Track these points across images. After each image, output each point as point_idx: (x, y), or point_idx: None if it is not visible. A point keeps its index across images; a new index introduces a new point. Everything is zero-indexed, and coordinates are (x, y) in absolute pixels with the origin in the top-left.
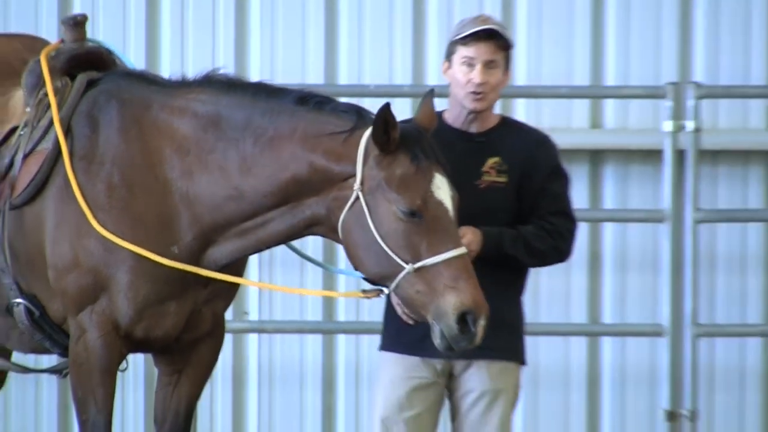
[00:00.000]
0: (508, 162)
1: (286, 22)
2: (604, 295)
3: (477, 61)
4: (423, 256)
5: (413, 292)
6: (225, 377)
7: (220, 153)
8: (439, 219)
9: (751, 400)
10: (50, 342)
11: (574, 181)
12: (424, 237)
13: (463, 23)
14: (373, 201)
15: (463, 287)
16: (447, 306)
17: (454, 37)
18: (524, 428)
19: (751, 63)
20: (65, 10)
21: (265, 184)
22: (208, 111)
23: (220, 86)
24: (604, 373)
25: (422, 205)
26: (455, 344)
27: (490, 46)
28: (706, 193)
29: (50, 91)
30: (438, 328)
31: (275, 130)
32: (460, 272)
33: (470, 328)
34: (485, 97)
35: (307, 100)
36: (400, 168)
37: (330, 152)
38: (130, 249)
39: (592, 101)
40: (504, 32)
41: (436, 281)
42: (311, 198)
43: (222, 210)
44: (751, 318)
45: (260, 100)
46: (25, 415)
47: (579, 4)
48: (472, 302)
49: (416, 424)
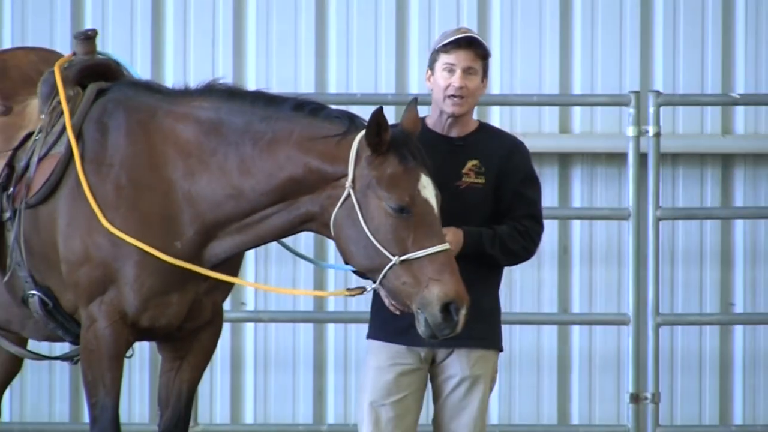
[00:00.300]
0: (485, 165)
1: (280, 36)
2: (572, 287)
3: (457, 67)
4: (409, 250)
5: (399, 283)
6: (224, 363)
7: (220, 155)
8: (425, 216)
9: (709, 383)
10: (63, 331)
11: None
12: (411, 232)
13: (445, 34)
14: (363, 198)
15: (447, 279)
16: (432, 296)
17: (437, 45)
18: (499, 410)
19: (706, 73)
20: (77, 25)
21: (263, 183)
22: (210, 117)
23: (221, 94)
24: (573, 358)
25: (410, 202)
26: (439, 332)
27: (470, 54)
28: (666, 192)
29: (63, 99)
30: (423, 317)
31: (273, 134)
32: (444, 266)
33: (453, 317)
34: (464, 102)
35: (303, 106)
36: (390, 168)
37: (324, 154)
38: (137, 246)
39: (561, 108)
40: (483, 42)
41: (421, 274)
42: (306, 196)
43: (222, 207)
44: (708, 307)
45: (258, 107)
46: (40, 397)
47: (549, 19)
48: (455, 293)
49: (402, 407)
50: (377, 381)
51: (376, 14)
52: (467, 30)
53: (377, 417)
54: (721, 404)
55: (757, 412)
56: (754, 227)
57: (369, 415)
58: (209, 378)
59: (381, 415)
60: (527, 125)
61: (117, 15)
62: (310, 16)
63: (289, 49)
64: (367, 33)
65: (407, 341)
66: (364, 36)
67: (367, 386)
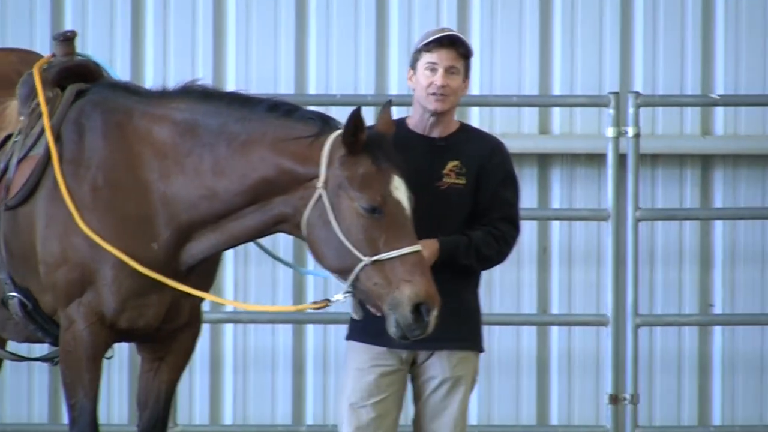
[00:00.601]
0: (466, 165)
1: (259, 36)
2: (552, 288)
3: (439, 66)
4: (381, 251)
5: (371, 284)
6: (203, 363)
7: (195, 156)
8: (397, 217)
9: (688, 384)
10: (42, 332)
11: (524, 183)
12: (382, 233)
13: (427, 34)
14: (335, 199)
15: (418, 280)
16: (402, 297)
17: (419, 44)
18: (479, 410)
19: (686, 75)
20: (57, 26)
21: (236, 184)
22: (186, 118)
23: (197, 96)
24: (552, 359)
25: (382, 203)
26: (409, 333)
27: (452, 53)
28: (645, 193)
29: (42, 101)
30: (393, 318)
31: (247, 135)
32: (415, 266)
33: (424, 317)
34: (446, 99)
35: (278, 108)
36: (362, 168)
37: (296, 155)
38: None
39: (541, 109)
40: (466, 41)
41: (392, 274)
42: (279, 197)
43: (197, 208)
44: (687, 308)
45: (234, 108)
46: (19, 399)
47: (528, 20)
48: (426, 294)
49: (383, 408)
50: (358, 382)
51: (355, 15)
52: (450, 30)
53: (358, 418)
54: (700, 405)
55: (736, 413)
56: (733, 228)
57: (350, 417)
58: (188, 379)
59: (362, 416)
60: (506, 126)
61: (97, 16)
62: (289, 16)
63: (268, 50)
64: (347, 34)
65: (388, 343)
66: (343, 37)
67: (347, 387)
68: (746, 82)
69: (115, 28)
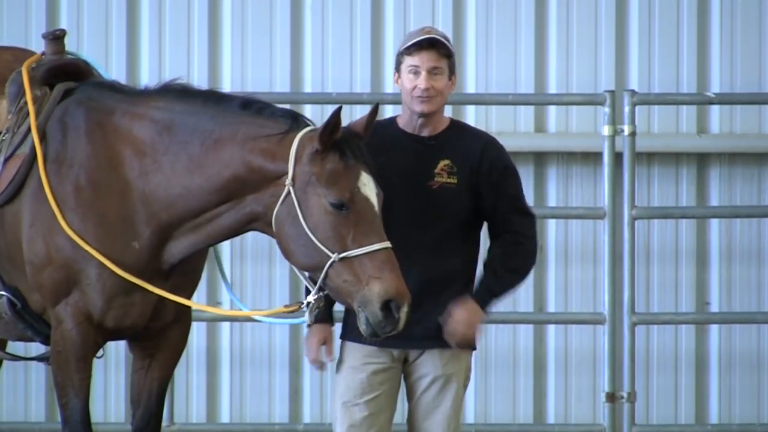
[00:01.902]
0: (458, 164)
1: (255, 35)
2: (548, 286)
3: (422, 69)
4: (349, 248)
5: (340, 281)
6: (200, 362)
7: (172, 155)
8: (365, 213)
9: (684, 382)
10: (32, 331)
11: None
12: (350, 229)
13: (408, 36)
14: (303, 196)
15: (387, 277)
16: (372, 294)
17: (401, 48)
18: (476, 409)
19: (681, 73)
20: (53, 24)
21: (210, 182)
22: (163, 117)
23: (176, 94)
24: (549, 358)
25: (350, 198)
26: (380, 330)
27: (433, 54)
28: (641, 191)
29: (29, 99)
30: (363, 315)
31: (219, 134)
32: (384, 263)
33: (394, 314)
34: (432, 101)
35: (250, 105)
36: (330, 164)
37: (265, 152)
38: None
39: (536, 107)
40: (446, 41)
41: (361, 271)
42: (251, 195)
43: (175, 207)
44: (683, 307)
45: (209, 106)
46: (16, 397)
47: (524, 18)
48: (395, 291)
49: (375, 406)
50: (351, 381)
51: (351, 14)
52: (431, 29)
53: (351, 416)
54: (696, 403)
55: (733, 411)
56: (729, 226)
57: (343, 415)
58: (185, 377)
59: (355, 414)
60: (502, 124)
61: (92, 15)
62: (285, 15)
63: (264, 49)
64: (343, 32)
65: (379, 342)
66: (339, 35)
67: (340, 386)
68: (741, 81)
69: (110, 27)
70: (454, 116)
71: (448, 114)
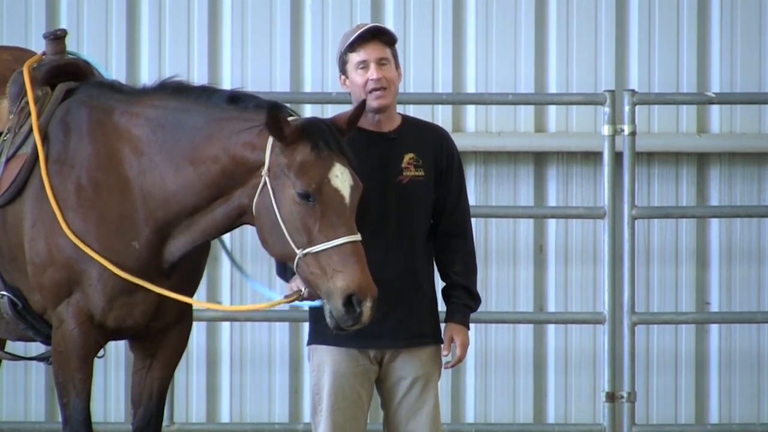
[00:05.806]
0: (422, 156)
1: (255, 34)
2: (548, 286)
3: (370, 61)
4: (316, 240)
5: (309, 273)
6: (200, 362)
7: (166, 152)
8: (333, 205)
9: (685, 382)
10: (33, 331)
11: (520, 181)
12: (317, 221)
13: (346, 35)
14: (277, 186)
15: (351, 271)
16: (335, 288)
17: (342, 48)
18: (476, 408)
19: (681, 72)
20: (53, 24)
21: (202, 178)
22: (158, 115)
23: (170, 91)
24: (549, 357)
25: (317, 189)
26: (343, 324)
27: (377, 45)
28: (641, 191)
29: (31, 99)
30: (328, 309)
31: (209, 129)
32: (349, 257)
33: (356, 309)
34: (387, 93)
35: (237, 99)
36: (300, 155)
37: (247, 144)
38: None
39: (536, 107)
40: (387, 28)
41: (327, 264)
42: (239, 189)
43: (171, 204)
44: (684, 306)
45: (201, 102)
46: (16, 397)
47: (524, 18)
48: (358, 285)
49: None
50: (332, 385)
51: (351, 14)
52: (365, 24)
53: (334, 421)
54: (696, 403)
55: (733, 411)
56: (729, 226)
57: (326, 419)
58: (185, 377)
59: (338, 418)
60: (503, 124)
61: (92, 15)
62: (285, 15)
63: (264, 48)
64: (342, 31)
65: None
66: (338, 34)
67: (323, 391)
68: (741, 80)
69: (110, 27)
70: (454, 117)
71: (449, 114)
